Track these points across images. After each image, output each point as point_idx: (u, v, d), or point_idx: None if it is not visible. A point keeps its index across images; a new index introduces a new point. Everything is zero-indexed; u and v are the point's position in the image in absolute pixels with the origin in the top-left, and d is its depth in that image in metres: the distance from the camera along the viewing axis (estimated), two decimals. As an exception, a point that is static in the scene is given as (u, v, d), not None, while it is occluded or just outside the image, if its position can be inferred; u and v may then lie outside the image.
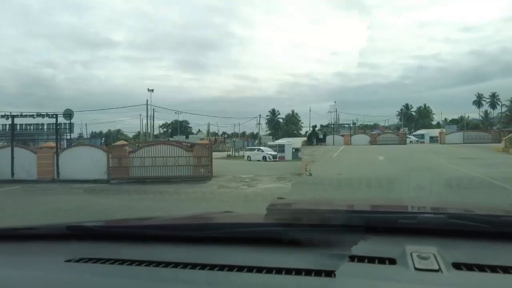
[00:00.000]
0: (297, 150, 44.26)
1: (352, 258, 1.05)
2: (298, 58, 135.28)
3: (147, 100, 45.00)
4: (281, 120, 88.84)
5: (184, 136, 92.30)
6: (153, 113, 45.82)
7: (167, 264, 1.11)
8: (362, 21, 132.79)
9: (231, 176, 16.89)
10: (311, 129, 52.92)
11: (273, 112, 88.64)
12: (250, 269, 1.04)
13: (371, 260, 1.03)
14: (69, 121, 18.46)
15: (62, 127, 18.33)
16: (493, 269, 0.95)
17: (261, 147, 42.94)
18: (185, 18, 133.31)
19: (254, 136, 73.31)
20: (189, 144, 18.46)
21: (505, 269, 0.95)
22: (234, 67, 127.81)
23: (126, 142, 19.24)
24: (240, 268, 1.05)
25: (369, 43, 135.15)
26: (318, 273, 0.98)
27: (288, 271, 0.99)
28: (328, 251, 1.10)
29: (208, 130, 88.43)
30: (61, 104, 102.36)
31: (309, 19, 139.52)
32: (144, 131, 45.46)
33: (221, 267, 1.06)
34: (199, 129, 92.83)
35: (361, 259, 1.04)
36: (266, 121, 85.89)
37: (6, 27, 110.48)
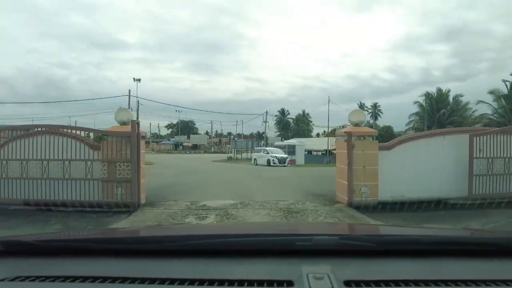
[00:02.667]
0: (309, 152, 34.83)
1: (251, 282, 1.04)
2: (309, 60, 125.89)
3: (129, 91, 35.98)
4: (290, 121, 79.24)
5: (186, 136, 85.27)
6: (138, 105, 36.75)
7: (113, 280, 1.05)
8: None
9: (186, 203, 7.66)
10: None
11: (282, 112, 78.96)
12: (201, 281, 1.04)
13: (270, 283, 1.03)
14: None
15: None
16: (377, 283, 1.03)
17: (268, 148, 33.12)
18: (197, 20, 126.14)
19: (260, 136, 63.82)
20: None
21: (386, 283, 1.03)
22: (244, 69, 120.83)
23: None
24: (192, 282, 1.03)
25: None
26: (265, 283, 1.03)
27: (241, 283, 1.03)
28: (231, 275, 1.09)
29: (212, 130, 79.72)
30: (73, 105, 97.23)
31: (319, 21, 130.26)
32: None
33: (172, 281, 1.04)
34: (207, 130, 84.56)
35: (260, 282, 1.04)
36: (275, 121, 76.33)
37: (19, 28, 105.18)
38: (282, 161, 28.41)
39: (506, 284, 1.04)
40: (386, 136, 38.28)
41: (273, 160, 28.46)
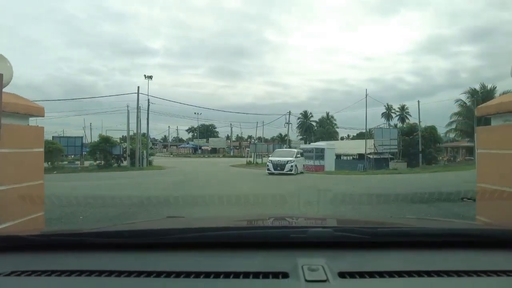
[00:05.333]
0: (338, 157, 29.48)
1: (247, 274, 1.02)
2: (331, 64, 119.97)
3: (138, 87, 31.45)
4: (314, 124, 73.73)
5: (205, 140, 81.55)
6: (148, 104, 32.50)
7: (110, 273, 1.04)
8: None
9: None
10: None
11: (305, 114, 73.41)
12: (197, 274, 1.02)
13: (266, 275, 1.02)
14: None
15: None
16: (371, 274, 1.01)
17: (280, 149, 26.76)
18: (220, 26, 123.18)
19: (283, 139, 58.86)
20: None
21: (380, 274, 1.02)
22: (266, 74, 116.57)
23: None
24: (188, 274, 1.02)
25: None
26: (265, 275, 1.01)
27: (236, 275, 1.01)
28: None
29: (232, 133, 75.47)
30: (99, 108, 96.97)
31: (342, 25, 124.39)
32: (139, 129, 31.88)
33: (168, 274, 1.02)
34: (227, 135, 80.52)
35: (256, 274, 1.02)
36: (297, 124, 70.94)
37: (52, 37, 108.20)
38: (279, 166, 20.25)
39: (497, 274, 1.03)
40: (429, 139, 32.68)
41: (267, 166, 21.00)
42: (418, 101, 34.51)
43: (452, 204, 8.48)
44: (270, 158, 21.98)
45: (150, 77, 33.92)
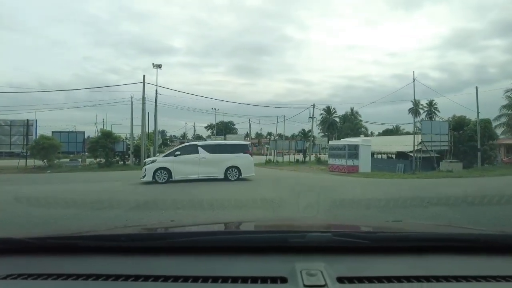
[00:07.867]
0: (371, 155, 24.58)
1: (245, 279, 1.01)
2: (353, 60, 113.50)
3: (143, 76, 27.27)
4: (337, 120, 68.51)
5: (223, 137, 78.11)
6: (156, 95, 28.66)
7: (107, 277, 1.02)
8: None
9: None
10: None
11: (328, 110, 68.07)
12: (195, 279, 1.01)
13: (264, 280, 1.01)
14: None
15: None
16: (370, 280, 1.00)
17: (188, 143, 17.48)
18: (241, 24, 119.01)
19: (306, 135, 54.17)
20: None
21: (379, 279, 1.00)
22: (287, 71, 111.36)
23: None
24: (185, 279, 1.01)
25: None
26: (257, 280, 1.00)
27: (235, 280, 1.00)
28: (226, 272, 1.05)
29: (251, 130, 71.37)
30: (122, 107, 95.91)
31: (365, 20, 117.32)
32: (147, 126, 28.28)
33: (166, 278, 1.01)
34: (247, 132, 76.50)
35: (254, 279, 1.01)
36: (319, 121, 65.72)
37: (77, 38, 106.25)
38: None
39: (496, 280, 1.01)
40: (483, 134, 27.37)
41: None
42: (476, 87, 28.14)
43: None
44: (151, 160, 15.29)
45: (159, 66, 30.16)
